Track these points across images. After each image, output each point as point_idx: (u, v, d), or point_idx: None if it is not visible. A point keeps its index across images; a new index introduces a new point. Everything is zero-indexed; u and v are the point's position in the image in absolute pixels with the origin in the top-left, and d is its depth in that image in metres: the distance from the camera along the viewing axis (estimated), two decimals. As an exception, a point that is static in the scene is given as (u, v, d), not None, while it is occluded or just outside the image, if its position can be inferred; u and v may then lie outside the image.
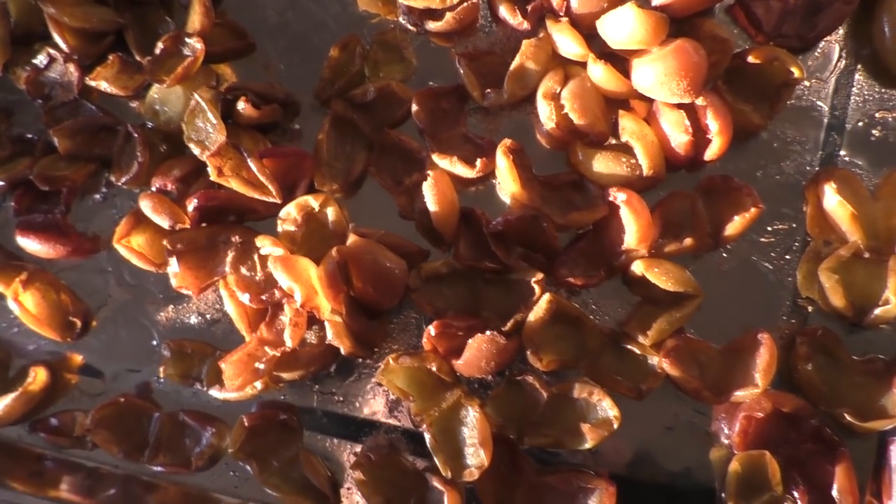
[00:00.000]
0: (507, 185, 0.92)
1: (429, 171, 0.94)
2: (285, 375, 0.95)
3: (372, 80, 1.01)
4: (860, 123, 0.96)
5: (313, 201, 0.96)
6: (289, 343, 0.91)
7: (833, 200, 0.90)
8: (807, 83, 0.97)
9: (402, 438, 0.98)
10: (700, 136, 0.90)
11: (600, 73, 0.91)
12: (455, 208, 0.95)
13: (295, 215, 0.96)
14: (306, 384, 1.00)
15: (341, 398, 0.99)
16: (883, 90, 0.96)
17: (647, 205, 0.93)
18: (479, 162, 0.93)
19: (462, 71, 0.98)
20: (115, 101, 1.05)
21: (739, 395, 0.89)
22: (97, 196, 1.05)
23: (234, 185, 0.93)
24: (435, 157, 0.96)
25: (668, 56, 0.86)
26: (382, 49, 1.02)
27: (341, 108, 0.98)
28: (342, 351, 0.93)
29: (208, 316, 1.02)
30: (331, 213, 0.96)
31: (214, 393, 0.97)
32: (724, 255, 0.96)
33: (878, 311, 0.90)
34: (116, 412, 0.98)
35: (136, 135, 0.99)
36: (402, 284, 0.93)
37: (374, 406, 0.99)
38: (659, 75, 0.86)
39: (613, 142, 0.95)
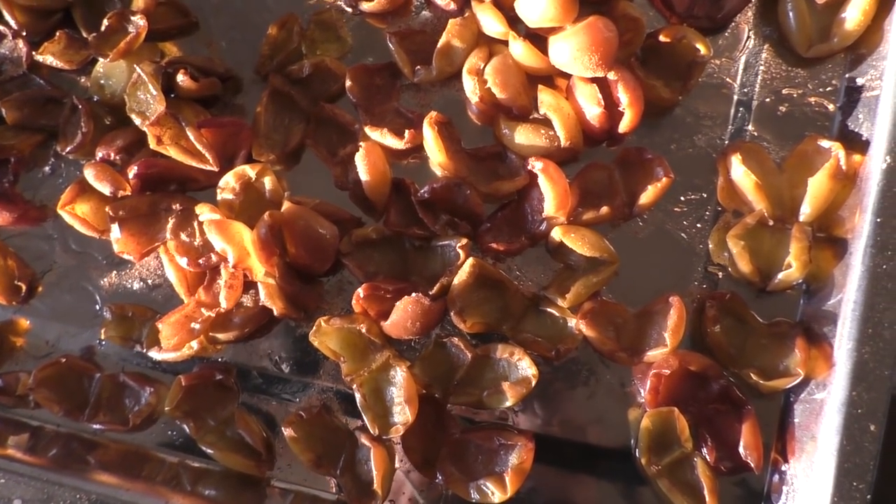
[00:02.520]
0: (434, 155, 0.95)
1: (361, 143, 0.97)
2: (221, 337, 0.97)
3: (309, 57, 1.03)
4: (767, 100, 1.00)
5: (250, 171, 0.99)
6: (224, 304, 0.94)
7: (739, 171, 0.94)
8: (717, 61, 1.01)
9: (334, 399, 1.01)
10: (613, 109, 0.94)
11: (520, 50, 0.94)
12: (386, 178, 0.98)
13: (233, 184, 0.99)
14: (243, 346, 1.02)
15: (277, 360, 1.02)
16: (789, 68, 1.00)
17: (568, 176, 0.97)
18: (407, 133, 0.97)
19: (393, 49, 1.01)
20: (64, 77, 1.07)
21: (651, 354, 0.92)
22: (46, 168, 1.07)
23: (173, 153, 0.96)
24: (367, 130, 0.99)
25: (580, 32, 0.89)
26: (319, 28, 1.05)
27: (279, 82, 1.01)
28: (275, 312, 0.95)
29: (150, 281, 1.04)
30: (268, 182, 0.99)
31: (153, 354, 0.99)
32: (641, 223, 0.99)
33: (781, 276, 0.93)
34: (58, 372, 1.00)
35: (80, 106, 1.01)
36: (333, 249, 0.96)
37: (308, 368, 1.01)
38: (572, 51, 0.90)
39: (536, 116, 0.99)
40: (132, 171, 0.97)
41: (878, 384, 0.85)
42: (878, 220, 0.87)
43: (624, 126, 0.94)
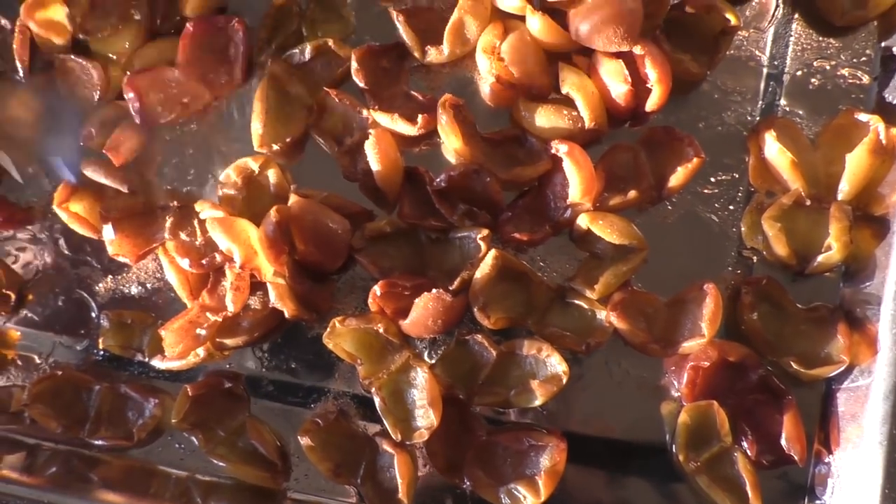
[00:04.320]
0: (450, 141, 0.88)
1: (370, 131, 0.90)
2: (229, 342, 0.90)
3: (310, 39, 0.96)
4: (799, 73, 0.94)
5: (253, 163, 0.92)
6: (230, 308, 0.87)
7: (773, 149, 0.88)
8: (745, 33, 0.95)
9: (351, 404, 0.94)
10: (640, 86, 0.87)
11: (538, 25, 0.87)
12: (398, 167, 0.91)
13: (234, 178, 0.92)
14: (252, 352, 0.95)
15: (289, 365, 0.95)
16: (820, 38, 0.94)
17: (591, 159, 0.91)
18: (420, 118, 0.90)
19: (401, 28, 0.93)
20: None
21: (687, 346, 0.86)
22: (29, 168, 1.00)
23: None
24: (376, 115, 0.92)
25: (603, 3, 0.82)
26: (320, 7, 0.98)
27: (279, 68, 0.94)
28: (286, 314, 0.89)
29: (149, 285, 0.97)
30: (272, 175, 0.92)
31: (156, 363, 0.92)
32: (669, 207, 0.93)
33: (820, 259, 0.88)
34: (54, 386, 0.93)
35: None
36: (344, 245, 0.89)
37: (322, 372, 0.95)
38: (595, 24, 0.83)
39: (556, 96, 0.93)
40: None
41: (927, 369, 0.81)
42: (923, 195, 0.83)
43: (652, 104, 0.88)
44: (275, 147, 0.93)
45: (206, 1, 0.96)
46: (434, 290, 0.85)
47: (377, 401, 0.88)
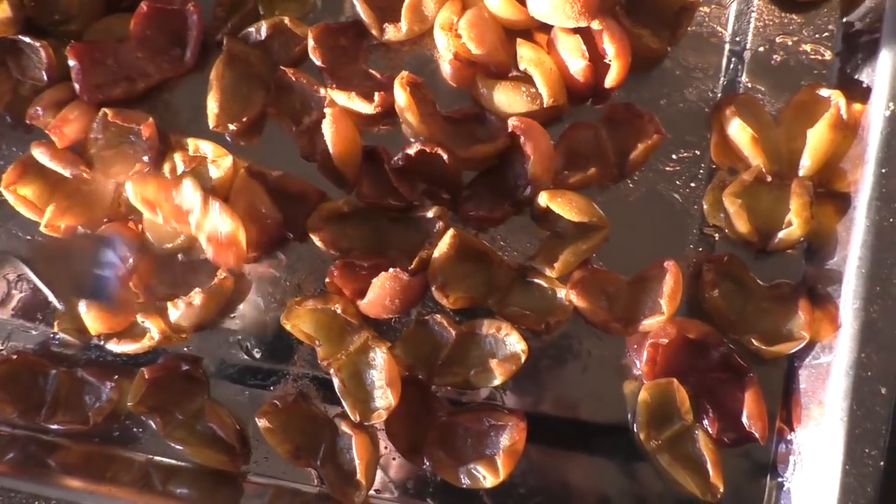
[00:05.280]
0: (407, 119, 0.87)
1: (327, 110, 0.89)
2: (184, 323, 0.90)
3: (267, 18, 0.94)
4: (761, 49, 0.92)
5: (208, 148, 0.92)
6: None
7: (734, 125, 0.87)
8: (707, 9, 0.93)
9: (311, 386, 0.93)
10: (598, 62, 0.86)
11: (496, 2, 0.86)
12: (356, 146, 0.90)
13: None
14: (211, 334, 0.94)
15: (248, 347, 0.94)
16: (783, 14, 0.92)
17: (553, 137, 0.89)
18: (377, 96, 0.88)
19: (358, 5, 0.92)
20: None
21: (647, 324, 0.85)
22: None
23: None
24: (332, 94, 0.90)
25: (559, -22, 0.82)
26: (277, -15, 0.97)
27: (235, 46, 0.92)
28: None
29: (105, 267, 0.96)
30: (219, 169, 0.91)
31: (112, 346, 0.90)
32: (631, 185, 0.92)
33: (781, 235, 0.86)
34: (10, 371, 0.91)
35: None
36: (275, 232, 0.90)
37: (282, 354, 0.94)
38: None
39: (516, 74, 0.92)
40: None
41: (889, 344, 0.79)
42: (883, 170, 0.81)
43: (611, 80, 0.86)
44: (231, 127, 0.92)
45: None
46: (391, 270, 0.84)
47: (336, 382, 0.87)
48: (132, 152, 0.90)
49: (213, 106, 0.91)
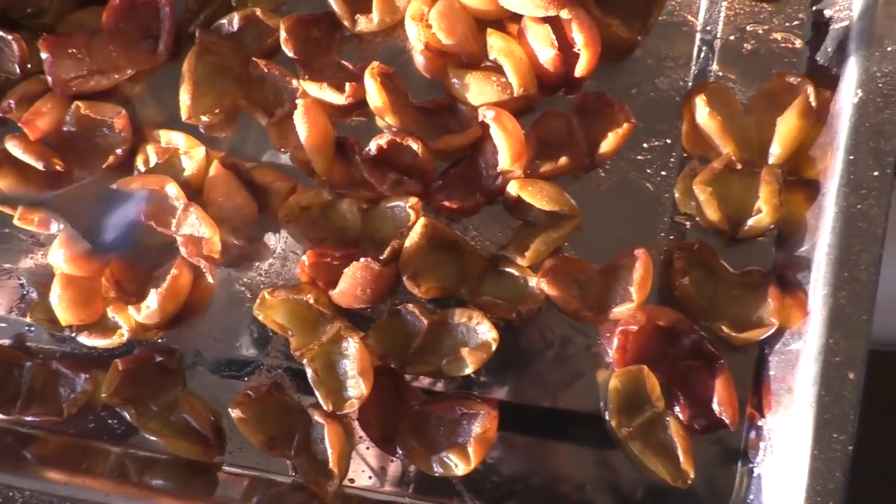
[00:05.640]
0: (378, 109, 0.87)
1: (299, 101, 0.89)
2: (149, 323, 0.89)
3: (239, 9, 0.94)
4: (732, 37, 0.92)
5: (180, 139, 0.91)
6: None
7: (704, 113, 0.87)
8: (678, -2, 0.94)
9: (285, 376, 0.93)
10: (568, 52, 0.86)
11: (467, -9, 0.87)
12: (328, 137, 0.89)
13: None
14: (186, 326, 0.94)
15: (223, 338, 0.94)
16: (753, 3, 0.92)
17: (524, 127, 0.89)
18: (348, 86, 0.88)
19: (330, -4, 0.93)
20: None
21: (617, 311, 0.85)
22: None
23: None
24: (305, 85, 0.90)
25: (527, -33, 0.82)
26: (249, -23, 0.96)
27: (207, 38, 0.92)
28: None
29: (80, 260, 0.96)
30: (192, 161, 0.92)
31: (83, 339, 0.90)
32: (603, 174, 0.92)
33: (751, 222, 0.86)
34: (-15, 363, 0.92)
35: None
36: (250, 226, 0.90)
37: (257, 344, 0.94)
38: (521, -10, 0.83)
39: (488, 64, 0.91)
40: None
41: (856, 330, 0.79)
42: (851, 157, 0.81)
43: (581, 69, 0.86)
44: (204, 119, 0.92)
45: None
46: (362, 259, 0.84)
47: (309, 372, 0.87)
48: (105, 145, 0.90)
49: (185, 98, 0.91)
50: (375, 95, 0.86)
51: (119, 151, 0.91)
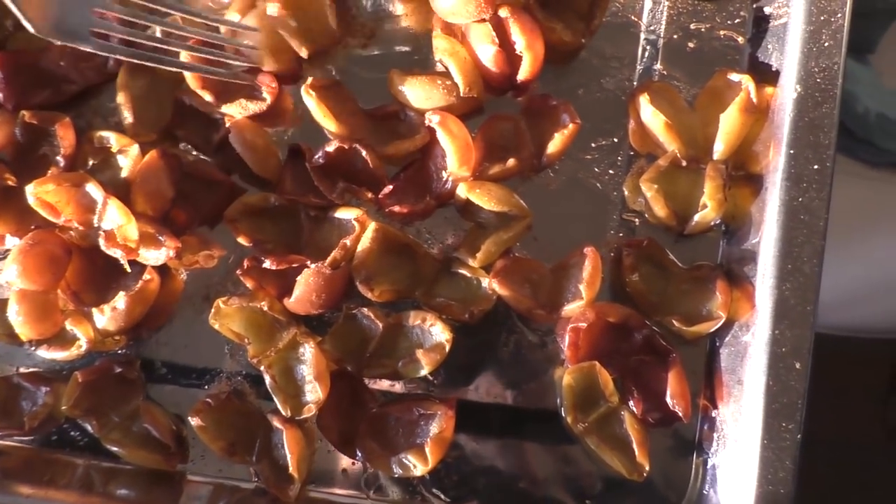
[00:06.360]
0: (321, 121, 0.87)
1: (227, 125, 0.89)
2: (111, 328, 0.89)
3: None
4: (675, 36, 0.93)
5: (111, 137, 0.90)
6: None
7: (648, 112, 0.88)
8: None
9: (245, 383, 0.94)
10: (511, 54, 0.86)
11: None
12: (271, 151, 0.90)
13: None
14: (145, 336, 0.94)
15: (182, 347, 0.94)
16: (696, 2, 0.93)
17: (472, 131, 0.90)
18: (264, 91, 0.89)
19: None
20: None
21: (568, 309, 0.86)
22: None
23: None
24: (225, 109, 0.90)
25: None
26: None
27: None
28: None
29: (37, 274, 0.97)
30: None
31: (42, 352, 0.90)
32: (552, 174, 0.93)
33: (697, 218, 0.87)
34: (-55, 380, 0.92)
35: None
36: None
37: (216, 352, 0.94)
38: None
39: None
40: None
41: (801, 321, 0.81)
42: (791, 151, 0.82)
43: (524, 72, 0.87)
44: (152, 136, 0.92)
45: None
46: (314, 265, 0.85)
47: (267, 378, 0.88)
48: (53, 155, 0.90)
49: (126, 116, 0.91)
50: (316, 109, 0.87)
51: (59, 160, 0.90)
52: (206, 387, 0.94)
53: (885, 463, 1.61)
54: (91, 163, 0.90)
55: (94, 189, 0.85)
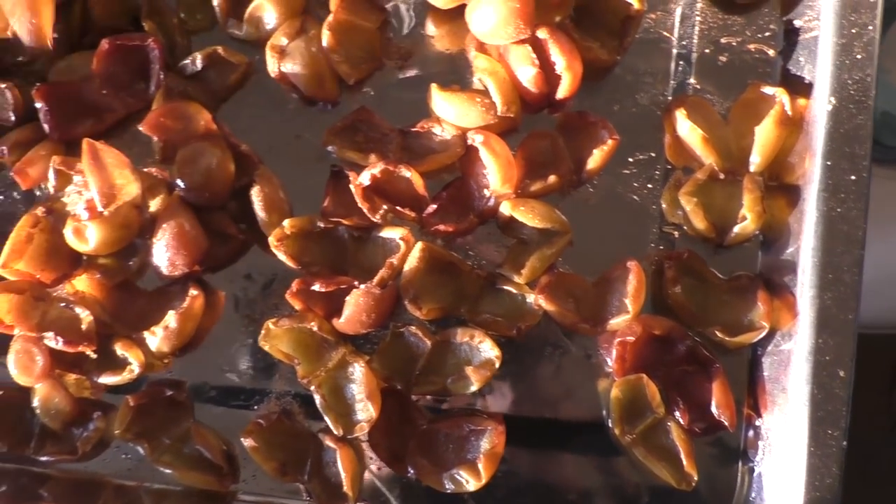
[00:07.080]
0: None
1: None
2: (166, 348, 0.90)
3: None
4: (707, 51, 0.95)
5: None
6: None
7: (685, 127, 0.89)
8: (653, 16, 0.95)
9: (294, 403, 0.94)
10: (550, 73, 0.88)
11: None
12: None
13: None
14: (192, 358, 0.95)
15: (230, 369, 0.95)
16: (726, 16, 0.95)
17: (510, 148, 0.91)
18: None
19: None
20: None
21: (614, 323, 0.87)
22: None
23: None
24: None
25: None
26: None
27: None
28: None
29: (85, 301, 0.97)
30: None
31: (94, 378, 0.91)
32: (591, 190, 0.94)
33: (736, 229, 0.89)
34: (-4, 406, 0.93)
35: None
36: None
37: (264, 373, 0.95)
38: (492, 20, 0.84)
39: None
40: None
41: (844, 329, 0.82)
42: (828, 162, 0.83)
43: (563, 91, 0.88)
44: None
45: (115, 13, 0.96)
46: (363, 286, 0.86)
47: (317, 398, 0.88)
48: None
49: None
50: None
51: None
52: (255, 407, 0.95)
53: (891, 451, 1.66)
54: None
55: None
